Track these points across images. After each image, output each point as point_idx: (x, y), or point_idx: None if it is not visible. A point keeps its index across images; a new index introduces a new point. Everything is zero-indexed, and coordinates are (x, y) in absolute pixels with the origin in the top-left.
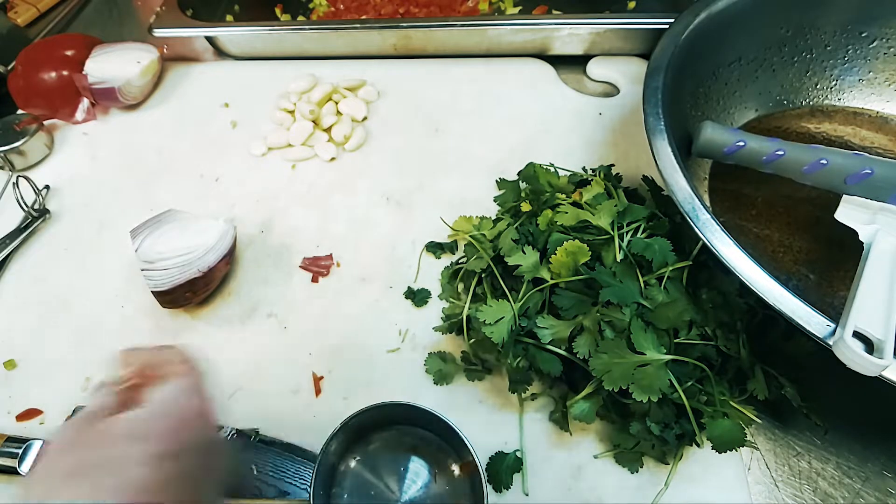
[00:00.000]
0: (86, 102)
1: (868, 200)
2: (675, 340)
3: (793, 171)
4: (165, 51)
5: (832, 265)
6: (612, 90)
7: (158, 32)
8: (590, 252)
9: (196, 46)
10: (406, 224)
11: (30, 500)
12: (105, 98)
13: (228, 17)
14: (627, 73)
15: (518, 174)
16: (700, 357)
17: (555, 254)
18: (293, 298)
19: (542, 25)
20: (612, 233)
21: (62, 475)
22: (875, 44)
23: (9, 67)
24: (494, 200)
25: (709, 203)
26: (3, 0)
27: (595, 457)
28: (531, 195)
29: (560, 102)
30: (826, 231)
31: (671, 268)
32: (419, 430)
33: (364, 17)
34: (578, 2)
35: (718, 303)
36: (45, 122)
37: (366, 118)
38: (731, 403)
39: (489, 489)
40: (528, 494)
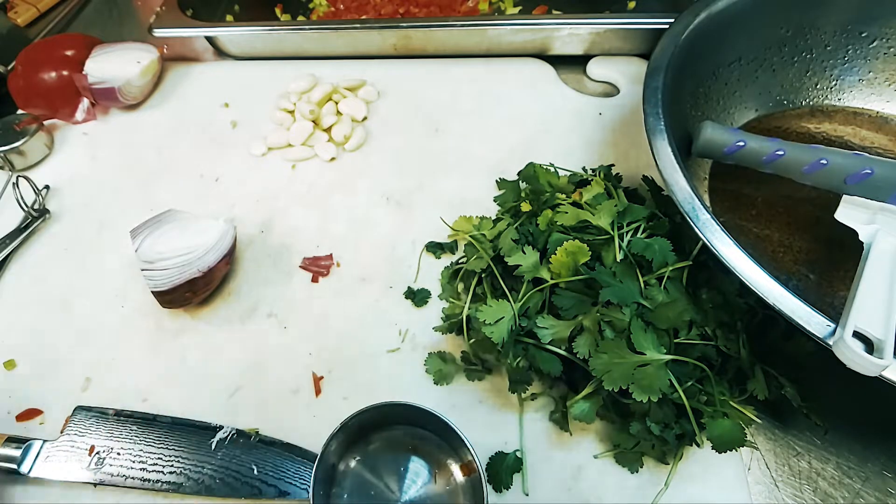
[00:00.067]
0: (86, 102)
1: (868, 200)
2: (675, 340)
3: (793, 171)
4: (165, 51)
5: (832, 265)
6: (612, 90)
7: (158, 32)
8: (590, 252)
9: (196, 46)
10: (406, 224)
11: None
12: (105, 98)
13: (228, 17)
14: (627, 73)
15: (518, 174)
16: (700, 357)
17: (555, 254)
18: (293, 298)
19: (542, 25)
20: (612, 233)
21: None
22: (875, 44)
23: (9, 67)
24: (494, 200)
25: (709, 203)
26: (3, 0)
27: (595, 457)
28: (531, 195)
29: (560, 102)
30: (826, 231)
31: (671, 268)
32: (419, 430)
33: (364, 17)
34: (578, 2)
35: (718, 303)
36: (45, 122)
37: (366, 118)
38: (731, 403)
39: (489, 489)
40: (528, 494)
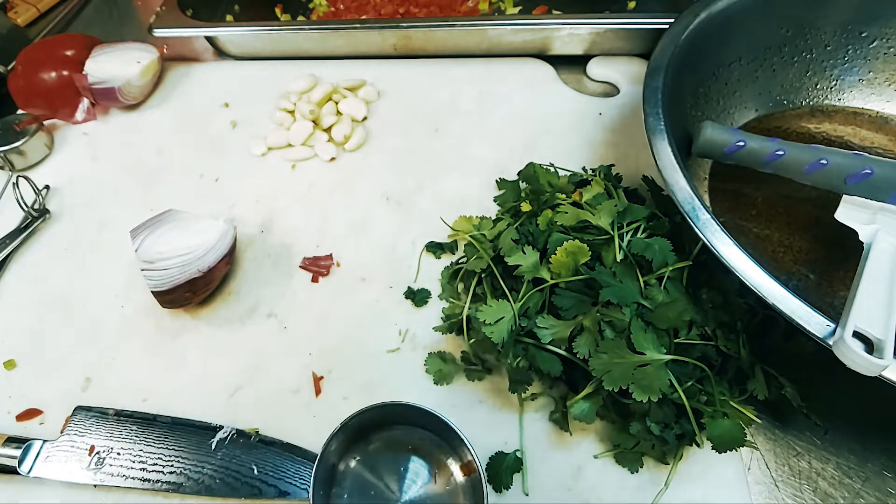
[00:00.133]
0: (86, 102)
1: (868, 200)
2: (675, 340)
3: (793, 171)
4: (165, 51)
5: (832, 265)
6: (612, 90)
7: (158, 32)
8: (590, 252)
9: (196, 46)
10: (406, 224)
11: None
12: (105, 98)
13: (228, 17)
14: (627, 73)
15: (518, 174)
16: (700, 357)
17: (555, 254)
18: (293, 298)
19: (542, 25)
20: (612, 233)
21: None
22: (875, 44)
23: (9, 67)
24: (494, 200)
25: (709, 203)
26: (3, 0)
27: (595, 457)
28: (531, 195)
29: (560, 102)
30: (826, 231)
31: (671, 268)
32: (419, 430)
33: (364, 17)
34: (578, 2)
35: (718, 303)
36: (45, 122)
37: (366, 118)
38: (731, 403)
39: (489, 489)
40: (528, 494)
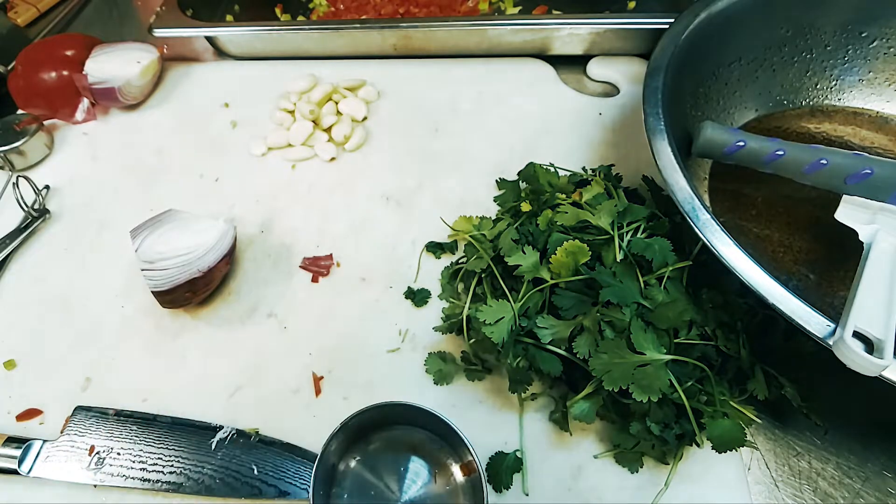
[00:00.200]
0: (86, 102)
1: (868, 200)
2: (675, 340)
3: (793, 171)
4: (165, 51)
5: (832, 265)
6: (612, 90)
7: (158, 32)
8: (590, 252)
9: (196, 46)
10: (406, 224)
11: None
12: (105, 98)
13: (228, 17)
14: (627, 73)
15: (518, 174)
16: (700, 357)
17: (555, 254)
18: (293, 298)
19: (542, 25)
20: (612, 233)
21: None
22: (875, 44)
23: (9, 67)
24: (494, 200)
25: (709, 203)
26: (3, 0)
27: (595, 457)
28: (531, 195)
29: (560, 102)
30: (826, 231)
31: (671, 268)
32: (419, 430)
33: (364, 17)
34: (578, 2)
35: (718, 303)
36: (45, 122)
37: (366, 118)
38: (731, 403)
39: (489, 489)
40: (528, 494)
